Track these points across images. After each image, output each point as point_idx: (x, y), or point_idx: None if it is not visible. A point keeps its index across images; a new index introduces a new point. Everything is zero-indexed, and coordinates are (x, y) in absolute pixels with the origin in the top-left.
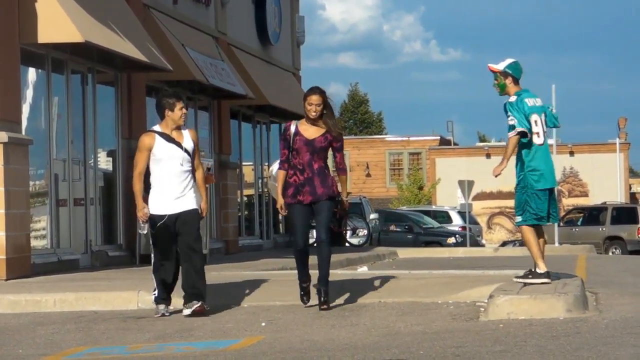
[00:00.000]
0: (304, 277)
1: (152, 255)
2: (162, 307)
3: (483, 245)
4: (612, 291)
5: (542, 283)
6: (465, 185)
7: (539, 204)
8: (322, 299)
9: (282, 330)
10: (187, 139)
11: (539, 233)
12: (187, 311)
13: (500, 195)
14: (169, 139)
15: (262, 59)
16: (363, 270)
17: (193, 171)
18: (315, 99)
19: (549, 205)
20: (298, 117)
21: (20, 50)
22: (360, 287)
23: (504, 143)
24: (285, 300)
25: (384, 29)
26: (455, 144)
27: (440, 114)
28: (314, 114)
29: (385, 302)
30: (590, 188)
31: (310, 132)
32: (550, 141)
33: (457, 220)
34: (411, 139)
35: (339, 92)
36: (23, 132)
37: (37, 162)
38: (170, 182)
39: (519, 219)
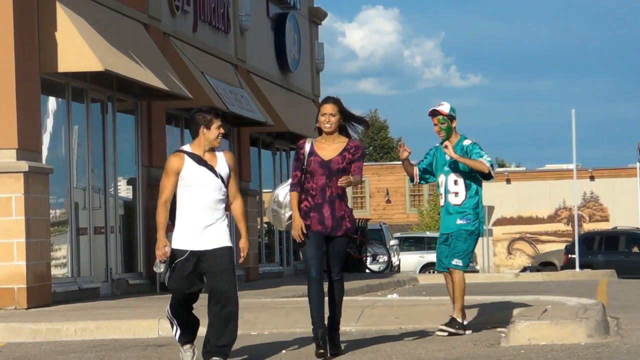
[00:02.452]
0: (318, 321)
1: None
2: (187, 347)
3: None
4: (634, 316)
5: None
6: (486, 211)
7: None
8: (334, 344)
9: (302, 357)
10: (221, 162)
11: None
12: None
13: (520, 220)
14: (200, 161)
15: (281, 86)
16: (393, 297)
17: (227, 201)
18: (329, 108)
19: None
20: None
21: (41, 79)
22: (381, 313)
23: (523, 168)
24: (306, 328)
25: (404, 55)
26: None
27: None
28: (328, 125)
29: (406, 328)
30: (611, 212)
31: (327, 151)
32: (571, 166)
33: None
34: None
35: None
36: (43, 161)
37: (58, 190)
38: (200, 214)
39: (460, 262)
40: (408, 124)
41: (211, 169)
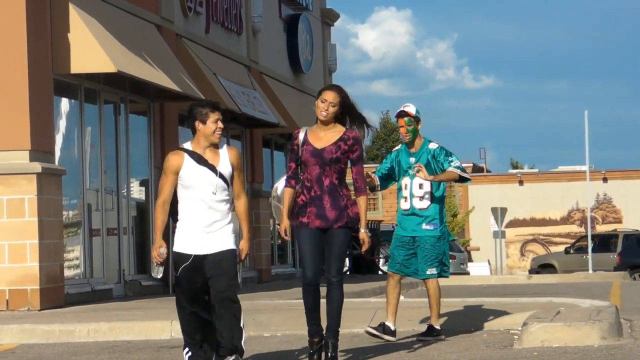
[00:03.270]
0: (314, 329)
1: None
2: None
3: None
4: None
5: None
6: (499, 213)
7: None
8: (329, 354)
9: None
10: (223, 160)
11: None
12: None
13: (533, 222)
14: (200, 160)
15: (293, 87)
16: (405, 299)
17: (232, 200)
18: (330, 96)
19: None
20: None
21: (54, 80)
22: None
23: (536, 170)
24: None
25: (417, 56)
26: (488, 171)
27: (473, 141)
28: (324, 114)
29: (419, 330)
30: (624, 214)
31: (321, 140)
32: (584, 167)
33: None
34: None
35: (370, 120)
36: (56, 163)
37: (70, 192)
38: (201, 215)
39: (434, 271)
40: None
41: (212, 168)
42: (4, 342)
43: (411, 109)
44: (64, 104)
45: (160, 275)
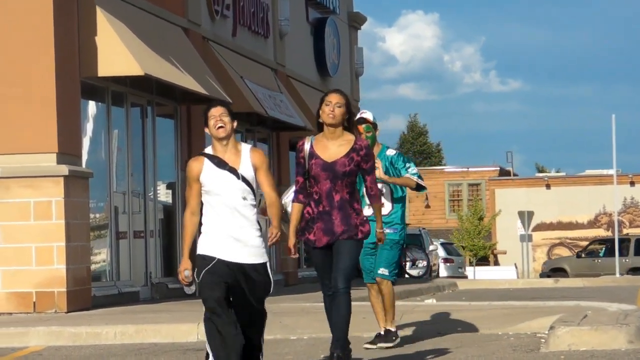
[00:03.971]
0: (341, 340)
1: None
2: None
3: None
4: None
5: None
6: (525, 216)
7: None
8: None
9: None
10: (245, 162)
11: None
12: None
13: (560, 225)
14: (220, 163)
15: (320, 91)
16: (430, 302)
17: (260, 204)
18: (335, 97)
19: None
20: None
21: (81, 83)
22: (420, 318)
23: (563, 174)
24: None
25: (444, 59)
26: (515, 174)
27: (499, 144)
28: (331, 115)
29: (445, 333)
30: None
31: (331, 151)
32: (611, 171)
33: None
34: (470, 169)
35: (398, 124)
36: (83, 165)
37: (98, 194)
38: (225, 222)
39: (385, 272)
40: (447, 129)
41: (233, 171)
42: (31, 344)
43: (369, 115)
44: (91, 107)
45: (192, 291)
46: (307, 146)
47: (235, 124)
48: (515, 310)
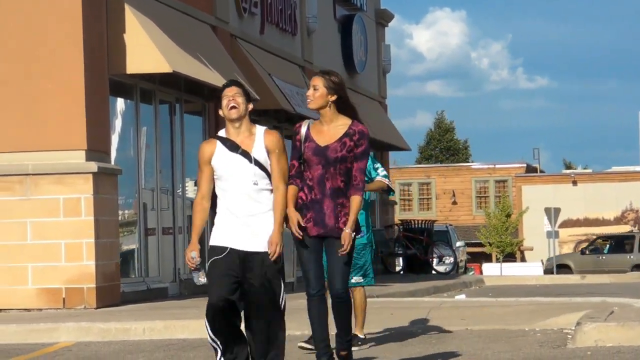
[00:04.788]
0: (322, 346)
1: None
2: None
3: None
4: None
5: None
6: (552, 213)
7: None
8: None
9: (370, 357)
10: (258, 145)
11: None
12: None
13: (586, 222)
14: (232, 147)
15: (348, 88)
16: (461, 298)
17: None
18: (314, 80)
19: None
20: (385, 146)
21: (109, 80)
22: (447, 314)
23: (590, 170)
24: (374, 328)
25: (471, 56)
26: (541, 171)
27: (526, 141)
28: (308, 100)
29: (472, 329)
30: None
31: (325, 135)
32: (638, 167)
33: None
34: (497, 166)
35: (425, 121)
36: (112, 162)
37: (126, 191)
38: (238, 207)
39: (360, 279)
40: (475, 126)
41: (245, 154)
42: (61, 339)
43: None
44: (120, 104)
45: (202, 282)
46: (303, 129)
47: (250, 106)
48: (541, 306)
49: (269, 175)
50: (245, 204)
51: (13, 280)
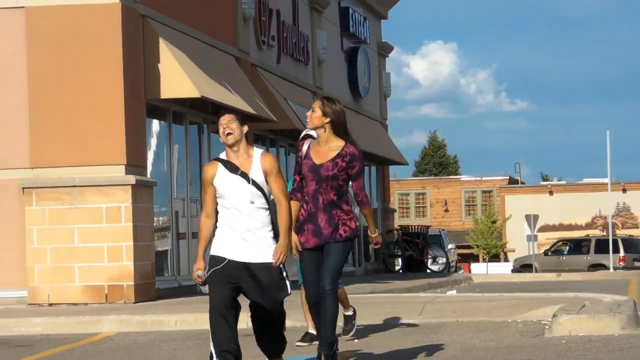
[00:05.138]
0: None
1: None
2: None
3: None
4: None
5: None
6: (532, 219)
7: None
8: None
9: (373, 346)
10: (255, 167)
11: None
12: None
13: (561, 227)
14: (232, 168)
15: (353, 110)
16: (452, 293)
17: (270, 209)
18: (315, 104)
19: None
20: (386, 160)
21: (146, 104)
22: (440, 307)
23: (564, 182)
24: (376, 320)
25: (461, 83)
26: (522, 183)
27: (509, 156)
28: (307, 121)
29: (462, 321)
30: None
31: (321, 155)
32: (606, 179)
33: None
34: (483, 178)
35: (420, 139)
36: (148, 175)
37: (160, 200)
38: (237, 224)
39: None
40: (464, 143)
41: (244, 175)
42: (104, 330)
43: (314, 133)
44: (155, 124)
45: (206, 291)
46: (305, 147)
47: (245, 128)
48: (522, 300)
49: (264, 194)
50: (243, 220)
51: (63, 278)
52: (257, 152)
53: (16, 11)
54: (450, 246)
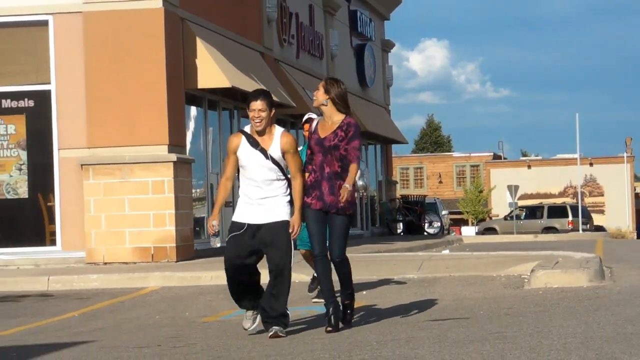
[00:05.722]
0: (329, 296)
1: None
2: (249, 313)
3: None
4: (623, 266)
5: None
6: (513, 189)
7: None
8: (347, 317)
9: (378, 297)
10: (275, 144)
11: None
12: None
13: (538, 195)
14: (253, 143)
15: (361, 97)
16: (446, 252)
17: (288, 180)
18: (319, 85)
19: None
20: (389, 140)
21: (185, 93)
22: (435, 264)
23: (540, 157)
24: (380, 275)
25: (452, 74)
26: (504, 158)
27: (493, 136)
28: (314, 97)
29: (454, 275)
30: (605, 190)
31: (325, 129)
32: (575, 155)
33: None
34: (472, 155)
35: (418, 121)
36: (187, 154)
37: (197, 175)
38: (254, 191)
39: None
40: (455, 125)
41: (263, 151)
42: (151, 285)
43: (313, 115)
44: (193, 110)
45: (217, 246)
46: (314, 124)
47: (273, 112)
48: (505, 258)
49: (280, 169)
50: (258, 190)
51: (115, 241)
52: (278, 130)
53: (76, 16)
54: (443, 212)
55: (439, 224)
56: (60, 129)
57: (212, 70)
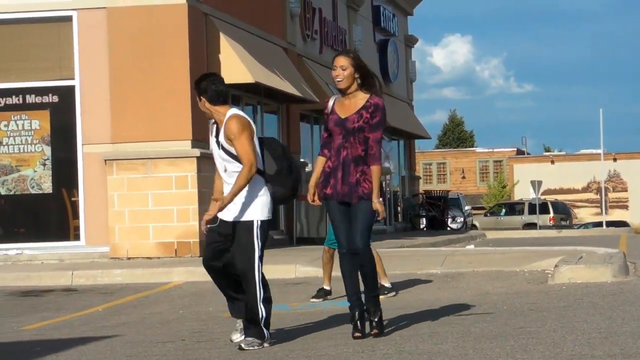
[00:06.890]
0: (354, 300)
1: None
2: (238, 323)
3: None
4: None
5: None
6: (536, 184)
7: None
8: (372, 323)
9: (402, 292)
10: (222, 130)
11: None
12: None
13: (561, 191)
14: (215, 131)
15: (385, 93)
16: (470, 247)
17: (258, 171)
18: (340, 60)
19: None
20: (412, 135)
21: None
22: (459, 259)
23: (564, 152)
24: (404, 270)
25: (476, 69)
26: (528, 153)
27: (517, 131)
28: (339, 80)
29: (477, 271)
30: (629, 185)
31: (346, 109)
32: (599, 150)
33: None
34: (495, 150)
35: (441, 117)
36: (210, 149)
37: None
38: (224, 186)
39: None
40: (479, 120)
41: (216, 140)
42: (174, 280)
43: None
44: None
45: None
46: (330, 103)
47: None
48: (529, 253)
49: (237, 158)
50: (225, 185)
51: (139, 236)
52: (227, 115)
53: (100, 11)
54: (466, 208)
55: (462, 219)
56: (84, 124)
57: (235, 66)
